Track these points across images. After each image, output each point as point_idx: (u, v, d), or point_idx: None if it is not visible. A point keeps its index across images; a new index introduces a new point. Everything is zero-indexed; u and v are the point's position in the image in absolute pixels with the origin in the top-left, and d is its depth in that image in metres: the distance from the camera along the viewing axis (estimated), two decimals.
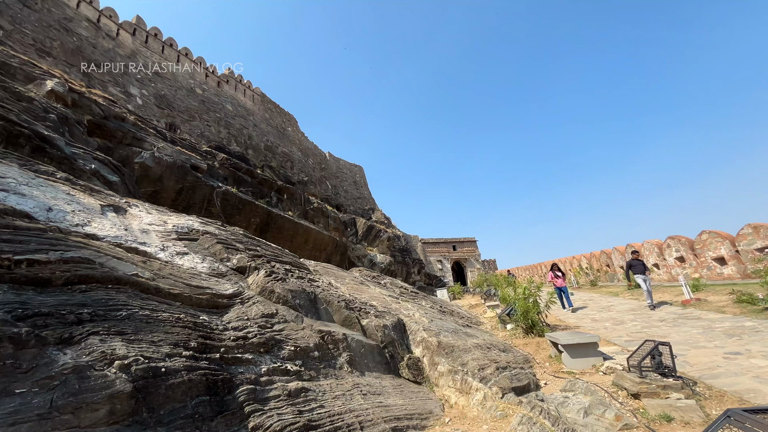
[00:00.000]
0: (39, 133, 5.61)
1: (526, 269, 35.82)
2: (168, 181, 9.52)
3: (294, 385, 2.82)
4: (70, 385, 1.74)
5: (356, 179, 42.16)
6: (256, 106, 28.60)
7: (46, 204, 3.36)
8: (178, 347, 2.35)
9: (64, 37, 15.59)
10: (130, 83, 17.90)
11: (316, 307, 4.41)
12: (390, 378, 4.05)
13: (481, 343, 5.50)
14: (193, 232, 4.83)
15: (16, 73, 7.56)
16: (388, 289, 8.86)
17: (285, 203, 15.55)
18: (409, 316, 5.88)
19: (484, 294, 17.76)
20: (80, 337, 2.01)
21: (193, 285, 3.41)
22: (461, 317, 9.29)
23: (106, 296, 2.51)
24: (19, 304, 2.05)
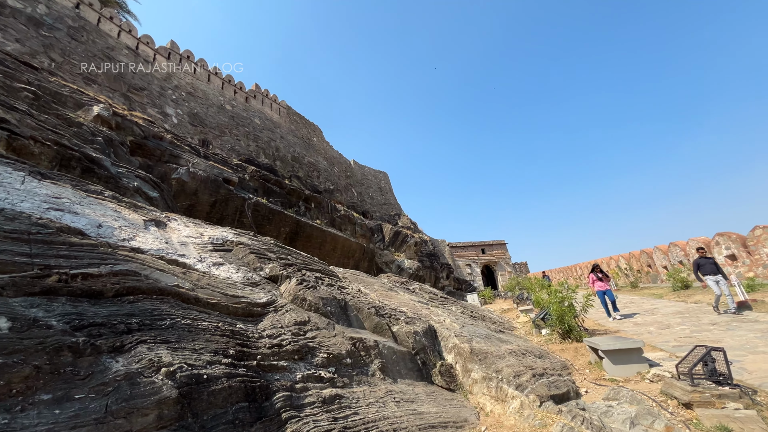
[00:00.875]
0: (88, 155, 6.06)
1: (560, 271, 34.50)
2: (202, 194, 9.98)
3: (328, 392, 2.86)
4: (123, 391, 1.85)
5: (381, 185, 42.37)
6: (282, 118, 29.49)
7: (96, 221, 3.62)
8: (217, 355, 2.44)
9: (107, 65, 16.80)
10: (166, 104, 18.98)
11: (347, 314, 4.45)
12: (423, 385, 4.01)
13: (516, 349, 5.35)
14: (227, 243, 5.03)
15: (67, 101, 8.22)
16: (417, 294, 8.81)
17: (313, 212, 15.87)
18: (440, 322, 5.81)
19: (516, 298, 17.26)
20: (130, 345, 2.14)
21: (230, 294, 3.54)
22: (493, 322, 9.07)
23: (151, 306, 2.66)
24: (75, 315, 2.22)
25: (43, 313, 2.10)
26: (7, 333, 1.84)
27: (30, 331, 1.91)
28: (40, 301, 2.19)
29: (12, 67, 7.72)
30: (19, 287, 2.19)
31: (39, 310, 2.11)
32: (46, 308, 2.16)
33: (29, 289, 2.24)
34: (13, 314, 1.95)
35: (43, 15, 15.21)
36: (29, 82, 7.52)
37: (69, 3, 16.95)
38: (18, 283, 2.20)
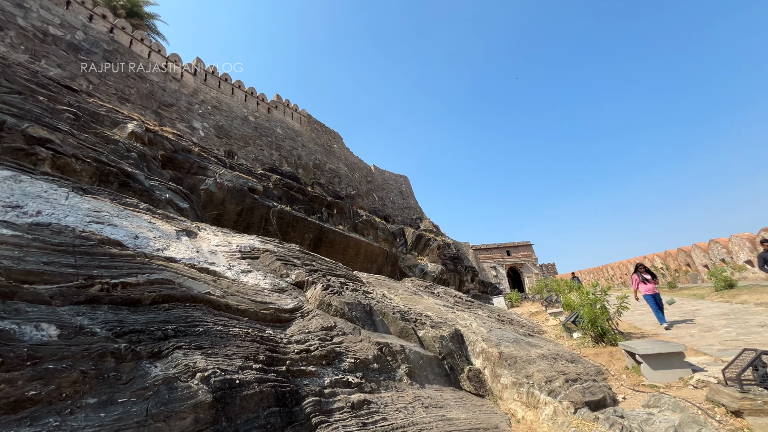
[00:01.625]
0: (124, 170, 6.39)
1: (590, 272, 33.27)
2: (229, 204, 10.30)
3: (356, 397, 2.87)
4: (162, 396, 1.93)
5: (402, 189, 42.35)
6: (303, 127, 30.10)
7: (133, 232, 3.80)
8: (248, 360, 2.51)
9: (139, 84, 17.73)
10: (194, 118, 19.79)
11: (372, 318, 4.46)
12: (451, 390, 3.95)
13: (546, 354, 5.19)
14: (254, 250, 5.16)
15: (104, 120, 8.72)
16: (441, 298, 8.72)
17: (335, 218, 16.05)
18: (466, 326, 5.72)
19: (544, 301, 16.77)
20: (167, 351, 2.23)
21: (258, 301, 3.63)
22: (521, 326, 8.84)
23: (185, 313, 2.77)
24: (117, 322, 2.34)
25: (88, 321, 2.23)
26: (57, 340, 1.96)
27: (77, 338, 2.02)
28: (84, 310, 2.33)
29: (55, 90, 8.28)
30: (65, 296, 2.33)
31: (84, 318, 2.24)
32: (90, 316, 2.29)
33: (75, 298, 2.38)
34: (61, 322, 2.07)
35: (81, 41, 16.25)
36: (70, 103, 8.03)
37: (104, 28, 18.03)
38: (65, 293, 2.35)
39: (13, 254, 2.43)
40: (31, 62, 13.13)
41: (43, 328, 1.95)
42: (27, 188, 3.65)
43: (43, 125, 5.92)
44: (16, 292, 2.11)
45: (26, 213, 3.14)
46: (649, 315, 9.76)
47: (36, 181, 3.96)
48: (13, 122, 5.32)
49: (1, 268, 2.21)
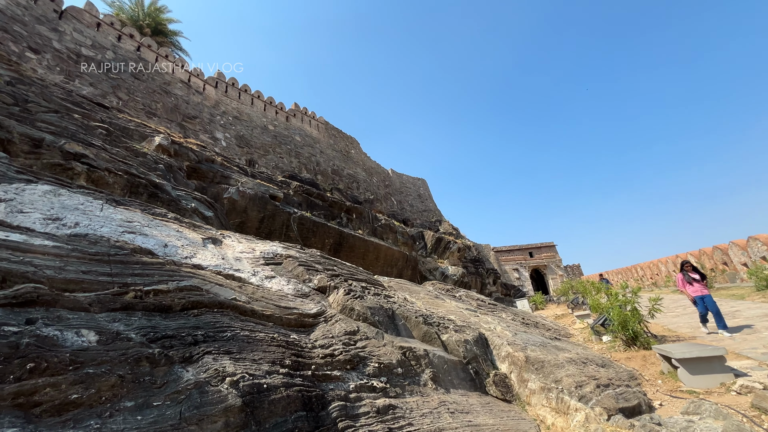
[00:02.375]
0: (152, 181, 6.66)
1: (618, 273, 32.09)
2: (251, 211, 10.54)
3: (381, 401, 2.86)
4: (194, 399, 1.99)
5: (420, 192, 42.21)
6: (320, 134, 30.53)
7: (162, 241, 3.95)
8: (275, 365, 2.55)
9: (164, 99, 18.47)
10: (216, 129, 20.42)
11: (395, 323, 4.45)
12: (477, 395, 3.89)
13: (575, 358, 5.03)
14: (277, 256, 5.26)
15: (133, 134, 9.12)
16: (464, 302, 8.60)
17: (354, 222, 16.15)
18: (491, 330, 5.62)
19: (570, 303, 16.28)
20: (198, 356, 2.29)
21: (282, 306, 3.69)
22: (547, 329, 8.61)
23: (213, 319, 2.84)
24: (150, 328, 2.42)
25: (124, 327, 2.32)
26: (96, 345, 2.05)
27: (114, 343, 2.11)
28: (120, 316, 2.43)
29: (88, 108, 8.74)
30: (103, 304, 2.44)
31: (120, 324, 2.34)
32: (125, 322, 2.38)
33: (111, 305, 2.48)
34: (99, 328, 2.17)
35: (111, 60, 17.10)
36: (102, 120, 8.46)
37: (131, 47, 18.91)
38: (102, 300, 2.46)
39: (55, 264, 2.57)
40: (66, 82, 13.91)
41: (83, 334, 2.05)
42: (65, 201, 3.85)
43: (79, 141, 6.24)
44: (58, 300, 2.22)
45: (65, 225, 3.31)
46: (685, 317, 9.30)
47: (73, 194, 4.18)
48: (51, 139, 5.64)
49: (45, 278, 2.34)
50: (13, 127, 5.39)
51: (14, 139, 5.23)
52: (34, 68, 12.69)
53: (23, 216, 3.12)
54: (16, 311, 2.02)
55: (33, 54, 13.81)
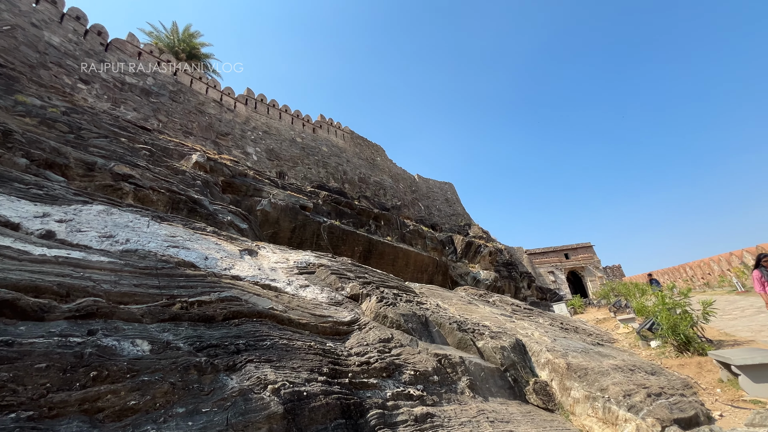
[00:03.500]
0: (191, 197, 7.03)
1: (665, 273, 30.16)
2: (283, 222, 10.86)
3: (419, 410, 2.85)
4: (239, 406, 2.07)
5: (447, 196, 41.78)
6: (346, 143, 31.05)
7: (203, 254, 4.15)
8: (313, 372, 2.60)
9: (199, 118, 19.50)
10: (247, 144, 21.29)
11: (428, 330, 4.42)
12: (516, 404, 3.77)
13: (621, 365, 4.76)
14: (310, 265, 5.38)
15: (173, 154, 9.69)
16: (498, 307, 8.39)
17: (383, 229, 16.21)
18: (528, 336, 5.44)
19: (612, 306, 15.47)
20: (241, 364, 2.39)
21: (317, 314, 3.77)
22: (588, 334, 8.21)
23: (253, 328, 2.95)
24: (196, 337, 2.55)
25: (173, 337, 2.46)
26: (149, 354, 2.18)
27: (165, 352, 2.24)
28: (169, 326, 2.57)
29: (132, 131, 9.39)
30: (153, 315, 2.60)
31: (169, 334, 2.48)
32: (174, 332, 2.53)
33: (160, 316, 2.64)
34: (151, 338, 2.31)
35: (151, 85, 18.32)
36: (145, 142, 9.05)
37: (169, 72, 20.17)
38: (152, 312, 2.62)
39: (110, 278, 2.77)
40: (113, 108, 15.03)
41: (138, 344, 2.19)
42: (116, 219, 4.15)
43: (126, 163, 6.72)
44: (114, 312, 2.40)
45: (117, 241, 3.56)
46: (743, 320, 8.59)
47: (123, 212, 4.49)
48: (103, 162, 6.10)
49: (102, 292, 2.53)
50: (69, 153, 5.89)
51: (71, 164, 5.71)
52: (84, 98, 13.81)
53: (81, 235, 3.39)
54: (79, 323, 2.20)
55: (84, 85, 15.04)
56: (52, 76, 13.83)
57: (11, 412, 1.57)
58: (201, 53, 25.60)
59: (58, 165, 5.59)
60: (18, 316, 2.04)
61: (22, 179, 4.20)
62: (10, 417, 1.54)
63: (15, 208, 3.36)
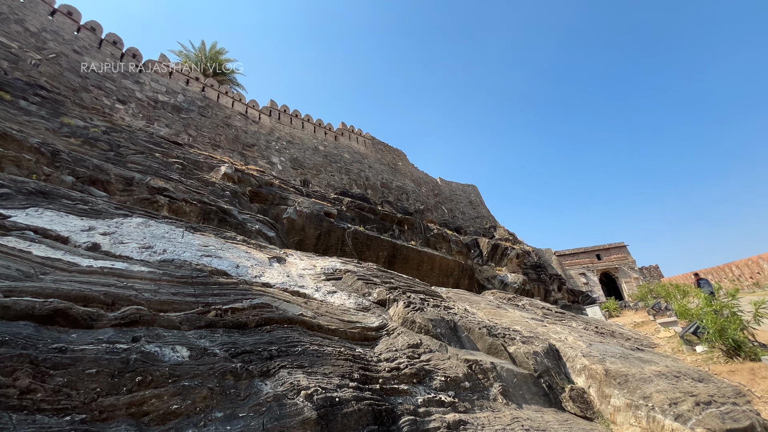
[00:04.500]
0: (221, 207, 7.29)
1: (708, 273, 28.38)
2: (309, 229, 11.05)
3: (451, 416, 2.80)
4: (274, 412, 2.11)
5: (471, 199, 41.20)
6: (368, 149, 31.30)
7: (234, 262, 4.29)
8: (345, 378, 2.62)
9: (226, 131, 20.25)
10: (272, 154, 21.88)
11: (458, 335, 4.35)
12: (552, 412, 3.64)
13: (664, 371, 4.51)
14: (336, 271, 5.44)
15: (203, 166, 10.09)
16: (528, 311, 8.16)
17: (406, 234, 16.17)
18: (561, 341, 5.25)
19: (651, 309, 14.71)
20: (274, 370, 2.44)
21: (345, 320, 3.79)
22: (626, 339, 7.83)
23: (284, 335, 3.01)
24: (231, 344, 2.63)
25: (209, 343, 2.55)
26: (188, 360, 2.27)
27: (202, 358, 2.33)
28: (205, 333, 2.67)
29: (166, 146, 9.87)
30: (191, 322, 2.70)
31: (206, 340, 2.57)
32: (210, 339, 2.61)
33: (197, 323, 2.74)
34: (190, 344, 2.41)
35: (182, 102, 19.21)
36: (177, 156, 9.49)
37: (197, 88, 21.11)
38: (189, 319, 2.72)
39: (151, 287, 2.91)
40: (147, 126, 15.87)
41: (178, 350, 2.29)
42: (154, 231, 4.36)
43: (161, 177, 7.06)
44: (155, 319, 2.51)
45: (156, 252, 3.74)
46: None
47: (159, 224, 4.72)
48: (140, 177, 6.44)
49: (144, 300, 2.66)
50: (110, 170, 6.26)
51: (111, 179, 6.06)
52: (122, 117, 14.67)
53: (123, 246, 3.58)
54: (124, 330, 2.32)
55: (121, 105, 15.98)
56: (92, 98, 14.78)
57: (66, 415, 1.67)
58: (226, 69, 26.64)
59: (101, 181, 5.95)
60: (70, 324, 2.18)
61: (69, 195, 4.50)
62: (65, 420, 1.65)
63: (64, 223, 3.60)
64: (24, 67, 13.13)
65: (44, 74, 13.62)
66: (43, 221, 3.46)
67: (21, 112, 7.18)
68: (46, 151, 5.66)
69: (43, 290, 2.26)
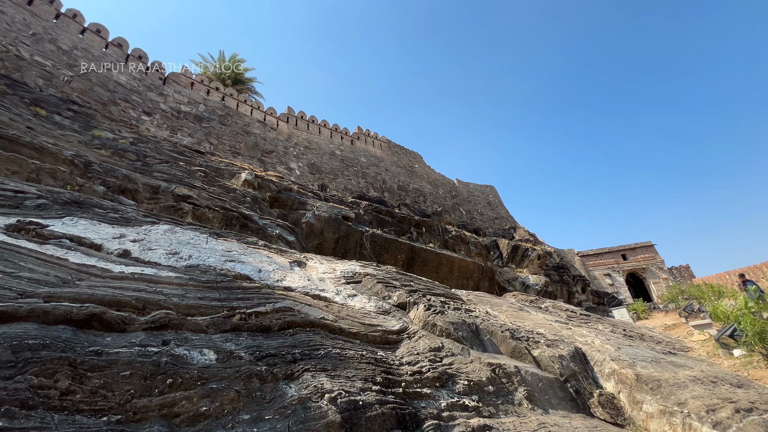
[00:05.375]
0: (243, 213, 7.46)
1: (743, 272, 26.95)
2: (327, 233, 11.16)
3: (476, 421, 2.76)
4: (299, 415, 2.13)
5: (489, 200, 40.65)
6: (384, 152, 31.40)
7: (256, 267, 4.37)
8: (367, 382, 2.62)
9: (246, 138, 20.74)
10: (290, 159, 22.25)
11: (480, 338, 4.29)
12: (581, 418, 3.53)
13: (699, 376, 4.30)
14: (356, 275, 5.46)
15: (224, 173, 10.36)
16: (551, 313, 7.96)
17: (424, 236, 16.10)
18: (588, 344, 5.10)
19: (682, 310, 14.09)
20: (298, 373, 2.47)
21: (366, 323, 3.80)
22: (657, 342, 7.53)
23: (307, 338, 3.04)
24: (255, 347, 2.68)
25: (234, 347, 2.60)
26: (215, 363, 2.32)
27: (229, 361, 2.38)
28: (231, 337, 2.73)
29: (189, 155, 10.19)
30: (217, 326, 2.77)
31: (231, 344, 2.63)
32: (235, 342, 2.67)
33: (223, 327, 2.81)
34: (216, 348, 2.46)
35: (203, 112, 19.82)
36: (200, 164, 9.78)
37: (217, 98, 21.74)
38: (216, 323, 2.79)
39: (178, 292, 3.00)
40: (171, 136, 16.44)
41: (205, 353, 2.35)
42: (180, 237, 4.50)
43: (185, 185, 7.29)
44: (183, 323, 2.59)
45: (182, 257, 3.86)
46: None
47: (184, 230, 4.86)
48: (165, 185, 6.67)
49: (172, 305, 2.75)
50: (138, 179, 6.51)
51: (139, 188, 6.30)
52: (147, 128, 15.24)
53: (152, 252, 3.72)
54: (154, 334, 2.40)
55: (146, 116, 16.62)
56: (120, 111, 15.45)
57: (103, 416, 1.74)
58: (245, 78, 27.33)
59: (129, 190, 6.19)
60: (104, 328, 2.27)
61: (101, 205, 4.71)
62: (102, 420, 1.71)
63: (97, 231, 3.76)
64: (57, 83, 13.86)
65: (76, 90, 14.33)
66: (78, 230, 3.63)
67: (56, 126, 7.58)
68: (80, 162, 5.94)
69: (80, 295, 2.37)
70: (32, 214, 3.61)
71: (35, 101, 8.28)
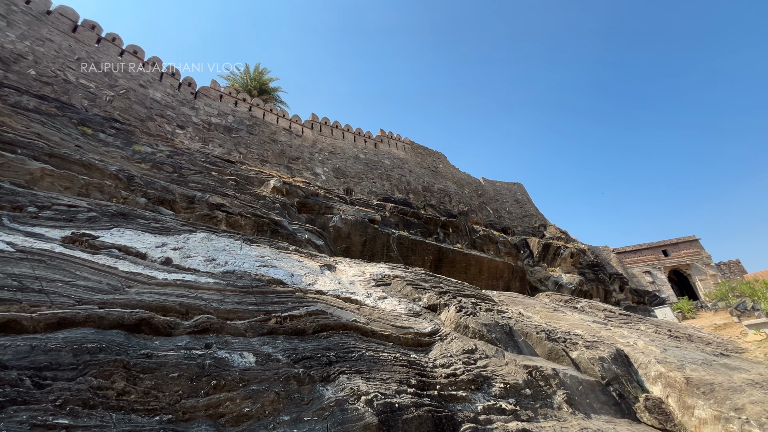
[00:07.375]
0: (273, 219, 7.67)
1: None
2: (354, 236, 11.26)
3: (513, 425, 2.69)
4: (336, 416, 2.16)
5: (517, 198, 39.63)
6: (407, 154, 31.36)
7: (289, 271, 4.48)
8: (402, 384, 2.63)
9: (272, 146, 21.34)
10: (315, 165, 22.67)
11: (514, 339, 4.19)
12: (626, 423, 3.36)
13: (758, 379, 4.00)
14: (385, 277, 5.48)
15: (254, 181, 10.71)
16: (588, 313, 7.65)
17: (451, 237, 15.92)
18: (630, 345, 4.86)
19: (734, 309, 13.16)
20: (334, 375, 2.51)
21: (398, 326, 3.81)
22: (706, 343, 7.06)
23: (340, 341, 3.09)
24: (291, 350, 2.75)
25: (272, 350, 2.68)
26: (255, 366, 2.40)
27: (267, 364, 2.45)
28: (268, 340, 2.81)
29: (220, 165, 10.61)
30: (254, 330, 2.86)
31: (269, 347, 2.71)
32: (272, 345, 2.75)
33: (260, 330, 2.90)
34: (255, 351, 2.55)
35: (231, 122, 20.59)
36: (231, 173, 10.16)
37: (245, 108, 22.52)
38: (253, 327, 2.89)
39: (217, 297, 3.13)
40: (203, 147, 17.18)
41: (245, 356, 2.43)
42: (215, 244, 4.69)
43: (218, 193, 7.59)
44: (223, 327, 2.69)
45: (219, 264, 4.02)
46: None
47: (219, 237, 5.07)
48: (200, 195, 6.97)
49: (212, 309, 2.87)
50: (175, 190, 6.85)
51: (176, 198, 6.63)
52: (182, 141, 16.01)
53: (191, 260, 3.90)
54: (197, 337, 2.52)
55: (180, 130, 17.47)
56: (156, 126, 16.32)
57: (156, 415, 1.84)
58: (270, 87, 28.13)
59: (167, 200, 6.53)
60: (153, 332, 2.40)
61: (143, 215, 4.99)
62: (155, 419, 1.81)
63: (141, 240, 3.99)
64: (100, 103, 14.84)
65: (117, 108, 15.29)
66: (125, 239, 3.87)
67: (100, 143, 8.11)
68: (123, 176, 6.33)
69: (129, 302, 2.52)
70: (84, 226, 3.87)
71: (82, 121, 8.91)
